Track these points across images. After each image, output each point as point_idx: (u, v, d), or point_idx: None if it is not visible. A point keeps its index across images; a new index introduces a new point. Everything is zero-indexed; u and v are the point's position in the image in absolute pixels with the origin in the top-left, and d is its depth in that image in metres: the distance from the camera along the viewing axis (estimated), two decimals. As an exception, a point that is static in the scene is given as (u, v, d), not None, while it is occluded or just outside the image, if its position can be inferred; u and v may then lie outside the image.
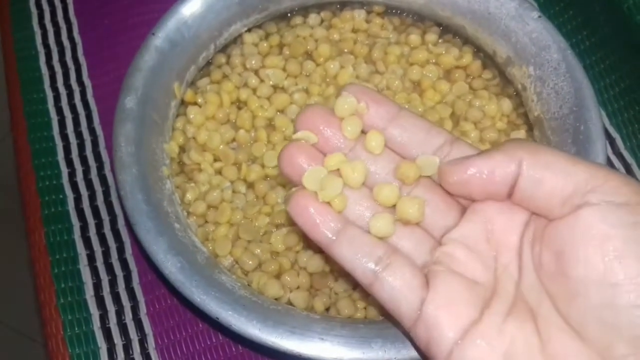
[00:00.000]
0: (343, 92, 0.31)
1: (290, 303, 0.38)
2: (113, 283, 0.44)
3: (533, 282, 0.28)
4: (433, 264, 0.29)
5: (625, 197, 0.25)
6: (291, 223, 0.40)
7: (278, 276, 0.39)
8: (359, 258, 0.29)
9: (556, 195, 0.26)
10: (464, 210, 0.30)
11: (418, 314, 0.27)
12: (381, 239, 0.29)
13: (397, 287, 0.28)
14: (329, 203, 0.30)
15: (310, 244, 0.39)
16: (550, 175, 0.27)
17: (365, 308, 0.38)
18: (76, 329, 0.43)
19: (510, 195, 0.28)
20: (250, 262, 0.39)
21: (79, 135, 0.49)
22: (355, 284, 0.39)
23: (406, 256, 0.29)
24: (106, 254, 0.45)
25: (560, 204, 0.26)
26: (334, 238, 0.29)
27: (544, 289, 0.27)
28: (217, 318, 0.35)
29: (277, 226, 0.40)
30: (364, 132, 0.31)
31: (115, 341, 0.43)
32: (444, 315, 0.27)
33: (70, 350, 0.42)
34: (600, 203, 0.25)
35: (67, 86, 0.51)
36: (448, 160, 0.30)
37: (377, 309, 0.38)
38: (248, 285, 0.38)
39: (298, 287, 0.39)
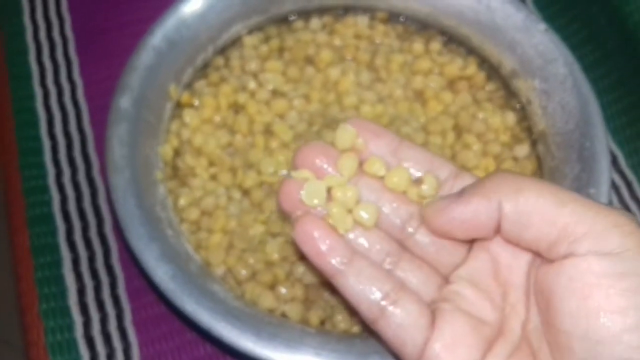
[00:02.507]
0: (342, 124, 0.30)
1: (284, 315, 0.37)
2: (98, 289, 0.43)
3: (537, 324, 0.27)
4: (441, 301, 0.28)
5: (612, 244, 0.24)
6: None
7: (272, 287, 0.38)
8: (365, 291, 0.28)
9: (542, 240, 0.25)
10: (471, 246, 0.29)
11: (421, 353, 0.27)
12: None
13: (404, 324, 0.27)
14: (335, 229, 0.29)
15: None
16: (533, 220, 0.25)
17: (361, 322, 0.37)
18: (58, 336, 0.42)
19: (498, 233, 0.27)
20: (244, 272, 0.38)
21: (67, 135, 0.48)
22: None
23: (414, 292, 0.28)
24: (91, 258, 0.44)
25: (547, 249, 0.26)
26: (342, 268, 0.28)
27: (543, 333, 0.27)
28: (210, 329, 0.34)
29: (273, 235, 0.39)
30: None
31: (98, 350, 0.41)
32: (447, 359, 0.26)
33: (51, 359, 0.41)
34: (585, 254, 0.24)
35: (57, 84, 0.50)
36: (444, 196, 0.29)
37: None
38: (241, 295, 0.37)
39: (293, 299, 0.38)
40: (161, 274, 0.35)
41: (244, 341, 0.34)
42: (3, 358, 1.05)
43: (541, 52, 0.42)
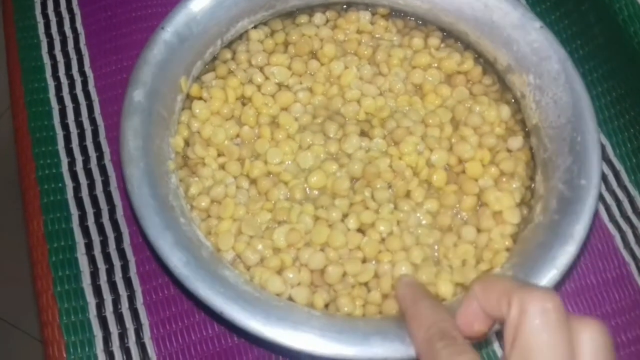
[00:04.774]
0: None
1: (291, 298, 0.39)
2: (110, 272, 0.45)
3: None
4: None
5: None
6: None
7: (280, 272, 0.40)
8: None
9: None
10: None
11: None
12: None
13: None
14: None
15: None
16: None
17: (363, 305, 0.39)
18: (72, 316, 0.44)
19: None
20: (253, 257, 0.40)
21: (79, 124, 0.49)
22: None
23: None
24: (104, 243, 0.46)
25: None
26: None
27: None
28: (222, 313, 0.36)
29: (279, 223, 0.41)
30: None
31: (111, 330, 0.43)
32: None
33: (65, 338, 0.43)
34: None
35: (69, 76, 0.51)
36: None
37: (376, 307, 0.39)
38: (250, 280, 0.39)
39: (299, 284, 0.40)
40: (175, 260, 0.36)
41: (254, 323, 0.35)
42: (10, 339, 1.06)
43: (536, 49, 0.43)
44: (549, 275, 0.37)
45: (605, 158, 0.49)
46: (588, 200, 0.38)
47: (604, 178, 0.48)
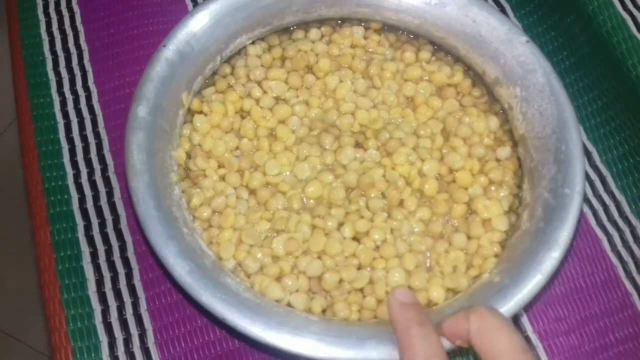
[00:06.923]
0: None
1: (289, 305, 0.41)
2: (115, 280, 0.46)
3: None
4: None
5: None
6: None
7: (279, 279, 0.41)
8: None
9: None
10: None
11: None
12: None
13: None
14: None
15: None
16: None
17: (359, 311, 0.41)
18: (79, 323, 0.45)
19: None
20: (253, 266, 0.41)
21: (84, 138, 0.51)
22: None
23: None
24: (108, 252, 0.47)
25: None
26: None
27: None
28: (224, 319, 0.37)
29: (278, 232, 0.43)
30: None
31: (116, 335, 0.45)
32: None
33: (72, 344, 0.44)
34: None
35: (73, 91, 0.52)
36: None
37: (371, 312, 0.41)
38: (251, 287, 0.41)
39: (297, 290, 0.41)
40: (179, 269, 0.38)
41: (255, 329, 0.37)
42: (15, 354, 1.07)
43: (522, 63, 0.45)
44: (534, 280, 0.38)
45: (592, 164, 0.50)
46: (572, 208, 0.40)
47: (591, 183, 0.50)
